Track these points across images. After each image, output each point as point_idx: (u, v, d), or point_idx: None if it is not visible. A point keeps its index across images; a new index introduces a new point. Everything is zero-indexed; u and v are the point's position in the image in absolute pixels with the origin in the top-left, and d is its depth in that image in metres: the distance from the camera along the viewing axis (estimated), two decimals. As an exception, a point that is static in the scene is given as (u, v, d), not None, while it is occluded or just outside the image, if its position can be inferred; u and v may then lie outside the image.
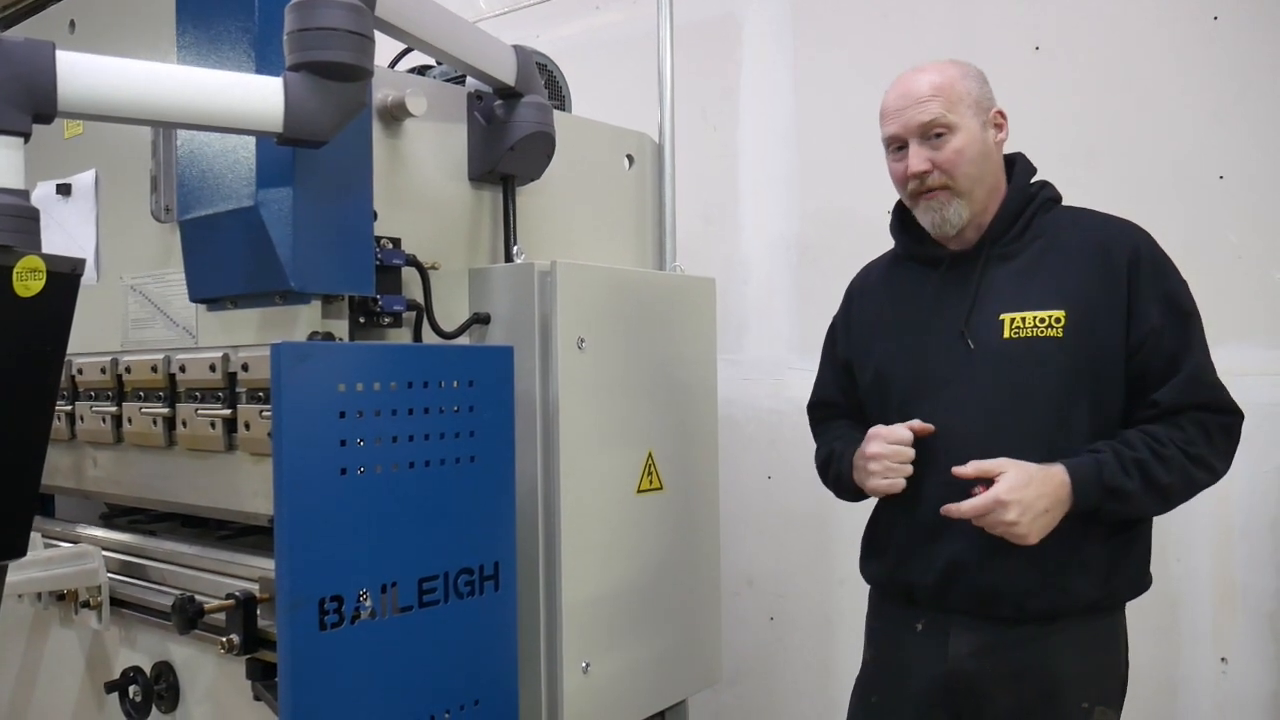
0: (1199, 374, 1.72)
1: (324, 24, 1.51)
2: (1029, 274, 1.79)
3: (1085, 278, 1.75)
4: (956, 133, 1.78)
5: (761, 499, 3.23)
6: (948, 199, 1.80)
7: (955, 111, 1.78)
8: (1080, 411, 1.73)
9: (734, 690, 3.30)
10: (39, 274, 1.34)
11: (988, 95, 1.85)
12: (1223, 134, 2.52)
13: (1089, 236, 1.80)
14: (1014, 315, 1.76)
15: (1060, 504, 1.66)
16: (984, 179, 1.82)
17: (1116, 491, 1.67)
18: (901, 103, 1.81)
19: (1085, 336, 1.73)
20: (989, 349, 1.77)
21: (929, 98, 1.78)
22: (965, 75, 1.82)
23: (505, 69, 2.03)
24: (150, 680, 1.97)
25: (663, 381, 2.24)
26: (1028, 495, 1.63)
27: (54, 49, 1.35)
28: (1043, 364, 1.73)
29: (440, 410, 1.74)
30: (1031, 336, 1.74)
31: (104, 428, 2.12)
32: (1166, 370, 1.72)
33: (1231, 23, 2.51)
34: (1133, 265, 1.75)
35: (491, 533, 1.83)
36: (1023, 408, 1.74)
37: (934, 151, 1.79)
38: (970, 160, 1.79)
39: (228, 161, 1.69)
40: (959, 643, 1.81)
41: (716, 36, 3.37)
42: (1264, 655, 2.49)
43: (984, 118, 1.82)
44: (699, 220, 3.31)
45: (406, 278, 1.94)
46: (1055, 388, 1.73)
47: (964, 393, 1.79)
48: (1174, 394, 1.71)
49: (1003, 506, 1.62)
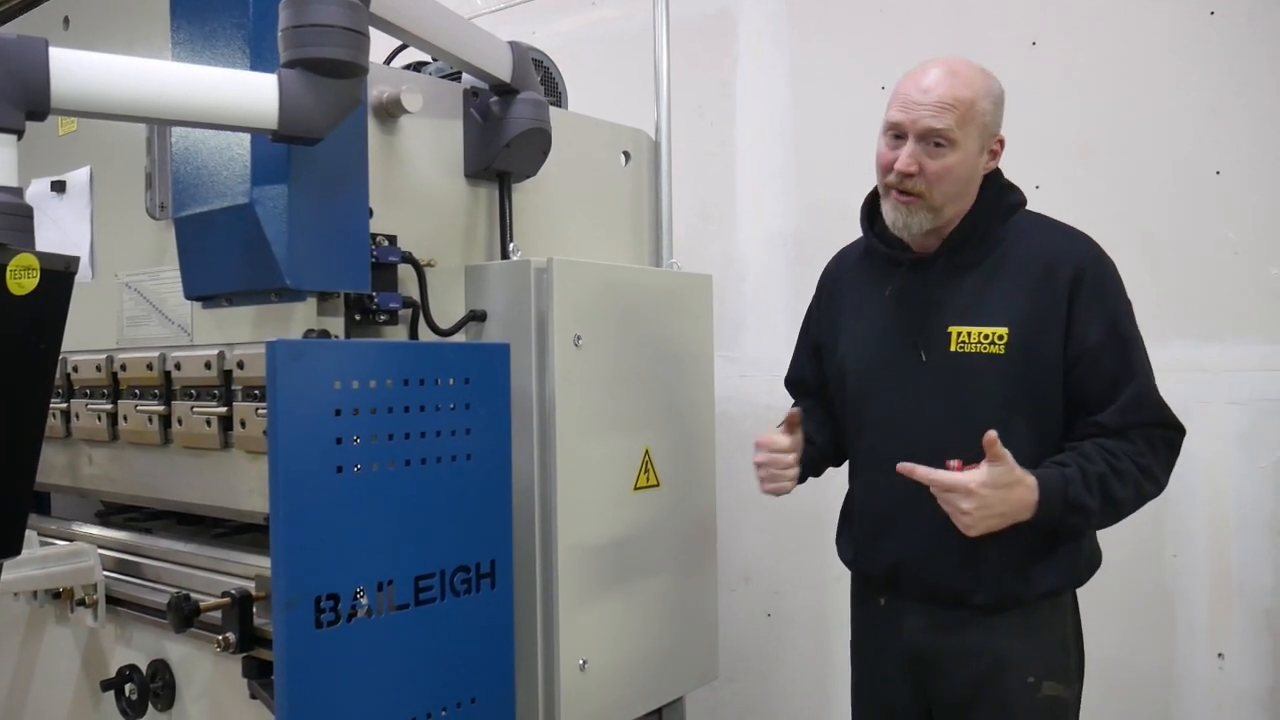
0: (1142, 395, 1.76)
1: (318, 20, 1.51)
2: (980, 288, 1.82)
3: (1029, 295, 1.78)
4: (955, 150, 1.77)
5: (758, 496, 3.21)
6: (918, 206, 1.81)
7: (964, 129, 1.76)
8: (1020, 424, 1.76)
9: (731, 687, 3.31)
10: (33, 272, 1.33)
11: (997, 122, 1.84)
12: (1219, 129, 2.52)
13: (1037, 253, 1.81)
14: (961, 329, 1.80)
15: (1018, 514, 1.68)
16: (958, 199, 1.83)
17: (1079, 508, 1.70)
18: (920, 97, 1.77)
19: (1026, 353, 1.76)
20: (935, 360, 1.82)
21: (948, 106, 1.75)
22: (988, 95, 1.81)
23: (501, 65, 2.03)
24: (146, 678, 1.96)
25: (660, 379, 2.24)
26: (992, 497, 1.64)
27: (47, 45, 1.34)
28: (984, 379, 1.78)
29: (436, 408, 1.74)
30: (975, 352, 1.78)
31: (99, 425, 2.12)
32: (1106, 392, 1.75)
33: (1228, 18, 2.51)
34: (1074, 284, 1.77)
35: (488, 530, 1.83)
36: (965, 419, 1.77)
37: (927, 159, 1.78)
38: (955, 180, 1.79)
39: (222, 158, 1.68)
40: (912, 622, 1.92)
41: (712, 32, 3.36)
42: (1260, 651, 2.50)
43: (985, 143, 1.82)
44: (696, 217, 3.31)
45: (402, 275, 1.93)
46: (996, 402, 1.77)
47: (911, 400, 1.86)
48: (1118, 416, 1.74)
49: (965, 495, 1.64)
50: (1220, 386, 2.53)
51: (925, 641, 1.91)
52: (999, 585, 1.81)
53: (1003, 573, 1.80)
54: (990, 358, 1.77)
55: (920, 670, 1.93)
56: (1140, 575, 2.64)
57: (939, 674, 1.90)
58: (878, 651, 2.02)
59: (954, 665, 1.88)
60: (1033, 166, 2.78)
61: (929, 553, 1.83)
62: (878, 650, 2.02)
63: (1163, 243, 2.60)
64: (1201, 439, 2.56)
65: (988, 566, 1.80)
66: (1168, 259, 2.60)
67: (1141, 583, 2.64)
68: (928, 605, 1.89)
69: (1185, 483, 2.58)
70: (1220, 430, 2.53)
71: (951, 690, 1.89)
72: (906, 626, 1.93)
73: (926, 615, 1.90)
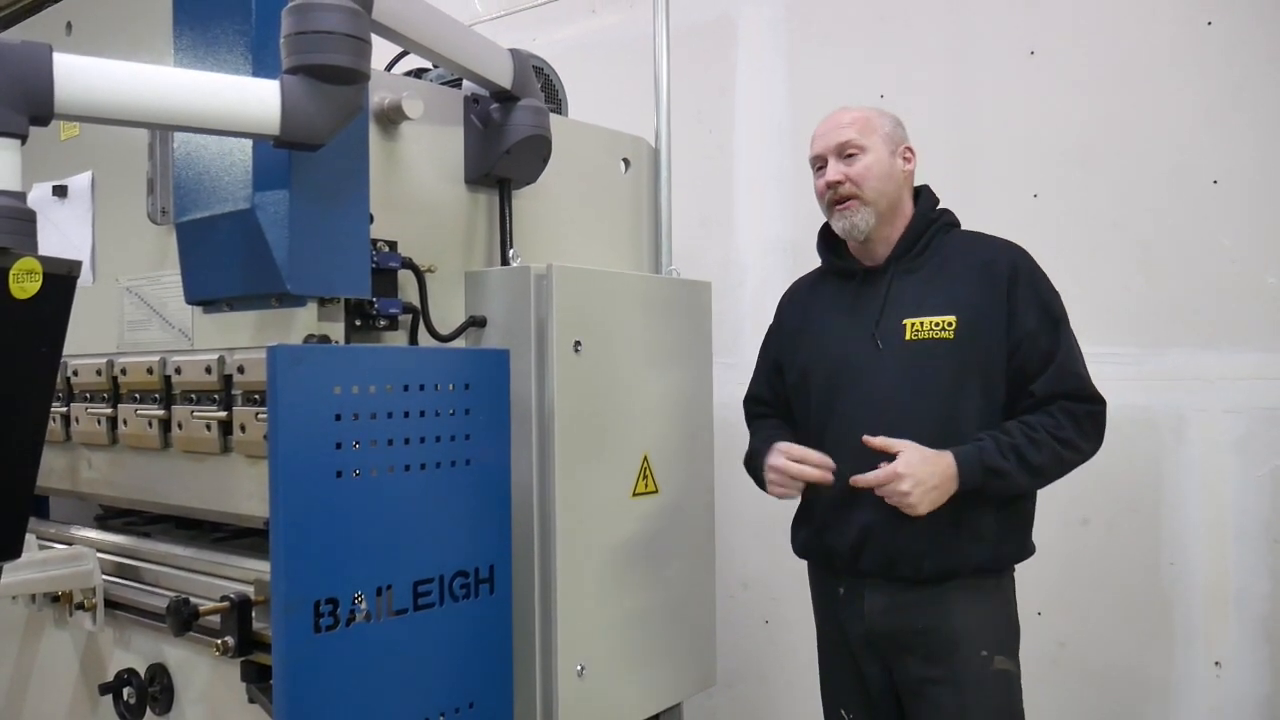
0: (1066, 366, 2.03)
1: (321, 27, 1.51)
2: (927, 286, 2.11)
3: (972, 289, 2.06)
4: (867, 153, 2.12)
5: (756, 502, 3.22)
6: (857, 206, 2.12)
7: (867, 138, 2.12)
8: (969, 400, 2.04)
9: (729, 693, 3.31)
10: (35, 276, 1.34)
11: (899, 134, 2.18)
12: (1217, 138, 2.53)
13: (975, 255, 2.11)
14: (914, 320, 2.08)
15: (948, 482, 1.95)
16: (887, 194, 2.13)
17: (995, 470, 1.96)
18: (825, 129, 2.18)
19: (972, 337, 2.04)
20: (893, 348, 2.09)
21: (847, 125, 2.14)
22: (880, 115, 2.18)
23: (502, 72, 2.04)
24: (145, 682, 1.96)
25: (659, 385, 2.24)
26: (921, 472, 1.92)
27: (51, 51, 1.35)
28: (936, 360, 2.05)
29: (436, 413, 1.74)
30: (928, 339, 2.06)
31: (99, 429, 2.12)
32: (1041, 366, 2.03)
33: (1225, 28, 2.53)
34: (1012, 278, 2.05)
35: (487, 536, 1.83)
36: (920, 397, 2.05)
37: (847, 167, 2.12)
38: (877, 176, 2.11)
39: (224, 164, 1.69)
40: (872, 604, 2.11)
41: (711, 39, 3.38)
42: (1257, 658, 2.50)
43: (893, 148, 2.15)
44: (695, 223, 3.32)
45: (402, 280, 1.94)
46: (947, 380, 2.04)
47: (873, 386, 2.10)
48: (1046, 385, 2.02)
49: (899, 479, 1.92)
50: (1217, 395, 2.54)
51: (885, 622, 2.10)
52: (951, 552, 2.03)
53: (954, 541, 2.03)
54: (941, 342, 2.05)
55: (884, 650, 2.12)
56: (1137, 583, 2.64)
57: (902, 651, 2.09)
58: (842, 642, 2.20)
59: (915, 643, 2.07)
60: (1031, 175, 2.80)
61: (894, 520, 2.01)
62: (843, 637, 2.19)
63: (1160, 251, 2.62)
64: (1198, 447, 2.57)
65: (942, 536, 2.02)
66: (1165, 267, 2.61)
67: (1139, 590, 2.64)
68: (885, 582, 2.08)
69: (1182, 490, 2.59)
70: (1217, 438, 2.54)
71: (911, 667, 2.08)
72: (867, 609, 2.11)
73: (884, 595, 2.09)
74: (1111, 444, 2.12)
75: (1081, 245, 2.70)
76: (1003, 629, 2.10)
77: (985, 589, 2.09)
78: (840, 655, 2.22)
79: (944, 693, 2.04)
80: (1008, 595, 2.13)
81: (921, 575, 2.05)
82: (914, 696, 2.09)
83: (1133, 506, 2.65)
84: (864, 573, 2.11)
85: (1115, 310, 2.65)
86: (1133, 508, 2.65)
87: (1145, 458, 2.62)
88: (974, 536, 2.04)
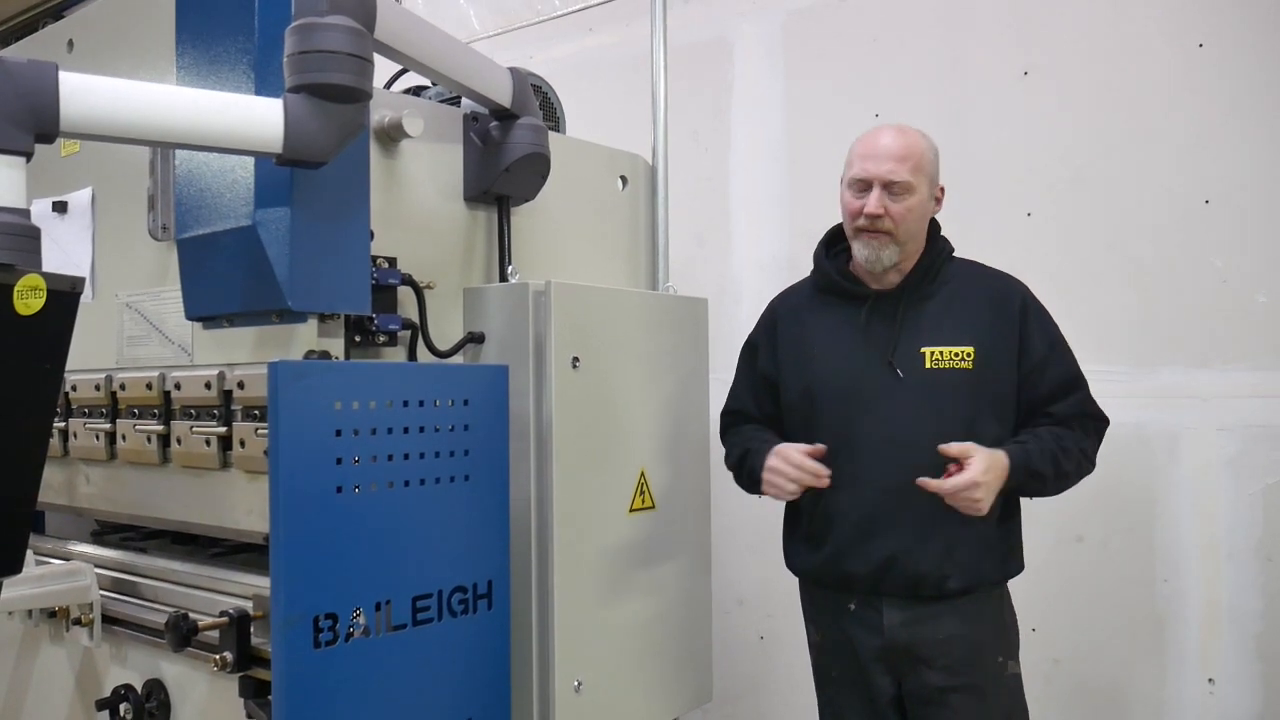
0: (1084, 395, 2.15)
1: (324, 46, 1.53)
2: (941, 315, 2.15)
3: (987, 321, 2.14)
4: (913, 194, 2.11)
5: (752, 518, 3.23)
6: (887, 242, 2.12)
7: (917, 177, 2.11)
8: (986, 428, 2.10)
9: (724, 709, 3.31)
10: (39, 292, 1.35)
11: (938, 173, 2.18)
12: (1208, 159, 2.56)
13: (985, 288, 2.18)
14: (933, 349, 2.12)
15: (1002, 482, 2.01)
16: (917, 236, 2.16)
17: (1037, 474, 2.05)
18: (878, 153, 2.11)
19: (988, 367, 2.11)
20: (914, 376, 2.12)
21: (903, 158, 2.10)
22: (931, 150, 2.16)
23: (501, 90, 2.05)
24: (141, 698, 1.96)
25: (656, 401, 2.26)
26: (990, 478, 1.97)
27: (57, 70, 1.36)
28: (957, 389, 2.10)
29: (435, 429, 1.75)
30: (949, 367, 2.11)
31: (97, 445, 2.12)
32: (1056, 391, 2.13)
33: (1216, 50, 2.56)
34: (1022, 312, 2.15)
35: (485, 551, 1.84)
36: (941, 424, 2.07)
37: (892, 203, 2.10)
38: (915, 219, 2.13)
39: (226, 181, 1.70)
40: (891, 618, 2.13)
41: (708, 59, 3.40)
42: (1250, 676, 2.51)
43: (932, 189, 2.16)
44: (691, 241, 3.33)
45: (402, 297, 1.95)
46: (966, 407, 2.10)
47: (892, 411, 2.12)
48: (1067, 408, 2.13)
49: (975, 486, 1.95)
50: (1210, 413, 2.56)
51: (906, 635, 2.12)
52: (973, 569, 2.10)
53: (974, 557, 2.10)
54: (961, 371, 2.11)
55: (897, 662, 2.14)
56: (1131, 600, 2.65)
57: (921, 662, 2.11)
58: (850, 655, 2.20)
59: (936, 653, 2.10)
60: (1024, 195, 2.83)
61: (916, 545, 2.08)
62: (849, 654, 2.20)
63: (1152, 271, 2.64)
64: (1191, 465, 2.59)
65: (964, 553, 2.09)
66: (1157, 287, 2.63)
67: (1132, 607, 2.65)
68: (906, 599, 2.12)
69: (1175, 508, 2.61)
70: (1210, 456, 2.56)
71: (933, 678, 2.11)
72: (886, 623, 2.13)
73: (906, 610, 2.12)
74: (1105, 462, 2.15)
75: (1075, 264, 2.72)
76: (1010, 634, 2.20)
77: (994, 597, 2.17)
78: (845, 668, 2.22)
79: (968, 700, 2.10)
80: (1008, 601, 2.22)
81: (942, 594, 2.10)
82: (930, 705, 2.12)
83: (1126, 524, 2.66)
84: (883, 593, 2.14)
85: (1108, 329, 2.67)
86: (1126, 525, 2.67)
87: (1139, 475, 2.63)
88: (988, 551, 2.12)
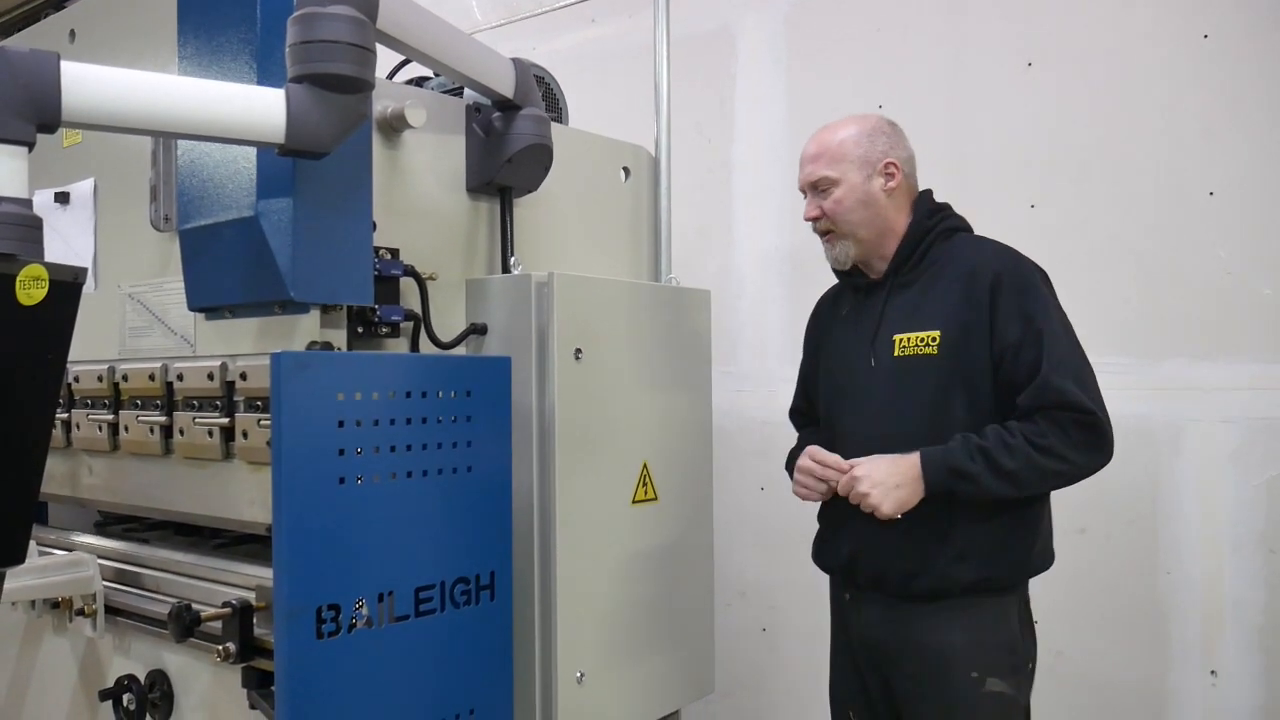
0: (1046, 382, 1.94)
1: (326, 36, 1.53)
2: (918, 300, 2.09)
3: (956, 301, 2.03)
4: (838, 186, 2.10)
5: (754, 510, 3.24)
6: (834, 240, 2.14)
7: (836, 168, 2.10)
8: (955, 415, 2.01)
9: (727, 701, 3.31)
10: (42, 282, 1.35)
11: (877, 153, 2.11)
12: (1213, 150, 2.55)
13: (963, 266, 2.06)
14: (902, 336, 2.07)
15: (913, 481, 1.95)
16: (867, 221, 2.11)
17: (960, 472, 1.92)
18: (802, 160, 2.17)
19: (956, 351, 2.01)
20: (883, 364, 2.09)
21: (817, 156, 2.13)
22: (858, 133, 2.12)
23: (504, 81, 2.05)
24: (145, 688, 1.96)
25: (658, 393, 2.25)
26: (879, 472, 1.95)
27: (59, 60, 1.36)
28: (921, 376, 2.03)
29: (438, 420, 1.75)
30: (913, 355, 2.05)
31: (100, 435, 2.12)
32: (1026, 378, 1.96)
33: (1221, 41, 2.54)
34: (994, 289, 1.99)
35: (488, 542, 1.84)
36: (908, 413, 2.04)
37: (821, 200, 2.12)
38: (849, 208, 2.10)
39: (228, 171, 1.70)
40: (868, 615, 2.13)
41: (711, 50, 3.39)
42: (1253, 669, 2.51)
43: (869, 172, 2.10)
44: (694, 233, 3.33)
45: (404, 288, 1.95)
46: (931, 395, 2.02)
47: (865, 401, 2.12)
48: (1028, 398, 1.95)
49: (855, 480, 1.96)
50: (1213, 405, 2.55)
51: (878, 634, 2.10)
52: (942, 572, 1.99)
53: (944, 560, 2.00)
54: (925, 358, 2.03)
55: (879, 660, 2.12)
56: (1133, 592, 2.65)
57: (892, 666, 2.08)
58: (846, 644, 2.22)
59: (904, 657, 2.06)
60: (1028, 186, 2.82)
61: (879, 542, 2.04)
62: (846, 643, 2.22)
63: (1156, 263, 2.63)
64: (1195, 458, 2.58)
65: (931, 554, 2.00)
66: (1161, 279, 2.62)
67: (1134, 600, 2.65)
68: (880, 595, 2.08)
69: (1178, 500, 2.60)
70: (1213, 448, 2.55)
71: (903, 681, 2.07)
72: (863, 619, 2.13)
73: (880, 607, 2.09)
74: (1108, 454, 2.14)
75: (1078, 256, 2.71)
76: (999, 650, 2.01)
77: (983, 608, 2.01)
78: (847, 658, 2.23)
79: (931, 712, 2.01)
80: (1010, 614, 2.04)
81: (910, 594, 2.02)
82: (906, 706, 2.08)
83: (1129, 517, 2.66)
84: (860, 585, 2.14)
85: (1112, 321, 2.66)
86: (1129, 518, 2.66)
87: (1142, 468, 2.63)
88: (959, 556, 1.98)
